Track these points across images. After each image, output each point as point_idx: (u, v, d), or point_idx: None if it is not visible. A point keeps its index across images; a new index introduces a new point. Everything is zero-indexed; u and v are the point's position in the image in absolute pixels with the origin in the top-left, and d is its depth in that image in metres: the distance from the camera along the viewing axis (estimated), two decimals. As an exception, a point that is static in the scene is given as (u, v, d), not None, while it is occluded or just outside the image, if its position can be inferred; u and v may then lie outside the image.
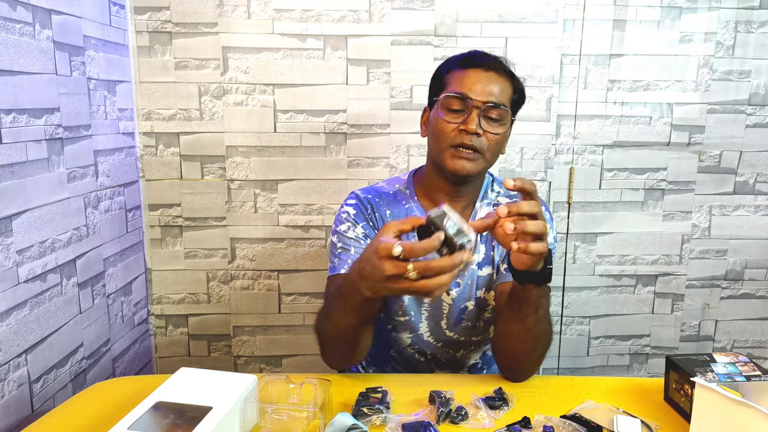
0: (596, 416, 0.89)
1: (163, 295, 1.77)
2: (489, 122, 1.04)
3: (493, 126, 1.04)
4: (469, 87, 1.03)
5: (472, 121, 1.02)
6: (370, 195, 1.16)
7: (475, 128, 1.01)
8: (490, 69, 1.05)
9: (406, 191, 1.16)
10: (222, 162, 1.70)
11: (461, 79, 1.04)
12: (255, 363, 1.84)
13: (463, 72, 1.05)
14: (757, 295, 1.92)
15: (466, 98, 1.03)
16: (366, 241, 1.11)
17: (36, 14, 1.17)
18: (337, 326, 0.95)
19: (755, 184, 1.84)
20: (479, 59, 1.06)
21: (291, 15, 1.64)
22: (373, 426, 0.86)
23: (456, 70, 1.06)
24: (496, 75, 1.05)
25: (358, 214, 1.13)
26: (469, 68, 1.05)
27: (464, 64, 1.06)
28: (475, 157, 1.04)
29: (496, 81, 1.04)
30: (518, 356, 1.02)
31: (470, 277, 1.13)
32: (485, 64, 1.05)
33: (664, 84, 1.76)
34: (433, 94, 1.12)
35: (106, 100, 1.48)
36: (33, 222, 1.16)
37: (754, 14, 1.74)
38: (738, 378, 0.90)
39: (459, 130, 1.03)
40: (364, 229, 1.12)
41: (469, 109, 1.02)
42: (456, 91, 1.03)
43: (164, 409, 0.80)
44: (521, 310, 0.96)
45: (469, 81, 1.03)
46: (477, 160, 1.05)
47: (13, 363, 1.11)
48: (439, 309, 1.15)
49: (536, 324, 0.96)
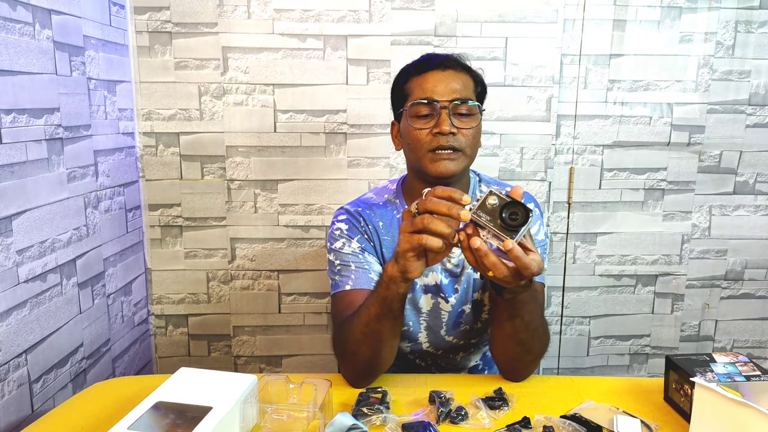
0: (596, 416, 0.89)
1: (163, 295, 1.77)
2: (460, 119, 1.03)
3: (465, 121, 1.04)
4: (432, 90, 1.02)
5: (444, 122, 1.01)
6: (360, 207, 1.14)
7: (448, 128, 1.01)
8: (447, 68, 1.04)
9: (395, 201, 1.15)
10: (222, 162, 1.70)
11: (422, 84, 1.04)
12: (255, 363, 1.84)
13: (422, 77, 1.04)
14: (757, 295, 1.92)
15: (433, 101, 1.02)
16: (363, 254, 1.09)
17: (36, 14, 1.17)
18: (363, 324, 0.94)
19: (755, 184, 1.84)
20: (434, 61, 1.05)
21: (291, 15, 1.64)
22: (373, 426, 0.86)
23: (414, 77, 1.06)
24: (454, 72, 1.04)
25: (351, 229, 1.12)
26: (427, 72, 1.04)
27: (421, 69, 1.05)
28: (455, 156, 1.04)
29: (456, 78, 1.04)
30: (509, 359, 1.03)
31: (467, 281, 1.13)
32: (441, 64, 1.05)
33: (664, 84, 1.76)
34: (397, 106, 1.11)
35: (106, 100, 1.48)
36: (33, 222, 1.17)
37: (754, 14, 1.74)
38: (738, 378, 0.90)
39: (433, 133, 1.02)
40: (360, 242, 1.11)
41: (438, 111, 1.02)
42: (421, 98, 1.03)
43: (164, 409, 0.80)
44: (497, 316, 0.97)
45: (431, 84, 1.03)
46: (458, 158, 1.04)
47: (13, 363, 1.11)
48: (438, 318, 1.15)
49: (516, 332, 0.96)
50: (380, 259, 1.12)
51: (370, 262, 1.09)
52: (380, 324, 0.93)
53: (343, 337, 0.99)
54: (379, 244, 1.12)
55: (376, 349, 0.96)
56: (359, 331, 0.95)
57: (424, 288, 1.13)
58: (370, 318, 0.93)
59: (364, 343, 0.96)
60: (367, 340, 0.95)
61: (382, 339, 0.95)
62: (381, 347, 0.96)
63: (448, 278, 1.13)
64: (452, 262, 1.12)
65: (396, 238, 1.11)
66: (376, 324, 0.93)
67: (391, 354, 1.00)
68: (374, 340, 0.95)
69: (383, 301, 0.90)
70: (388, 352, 0.99)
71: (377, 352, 0.97)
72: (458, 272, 1.13)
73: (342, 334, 1.00)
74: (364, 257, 1.09)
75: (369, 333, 0.94)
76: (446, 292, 1.13)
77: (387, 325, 0.94)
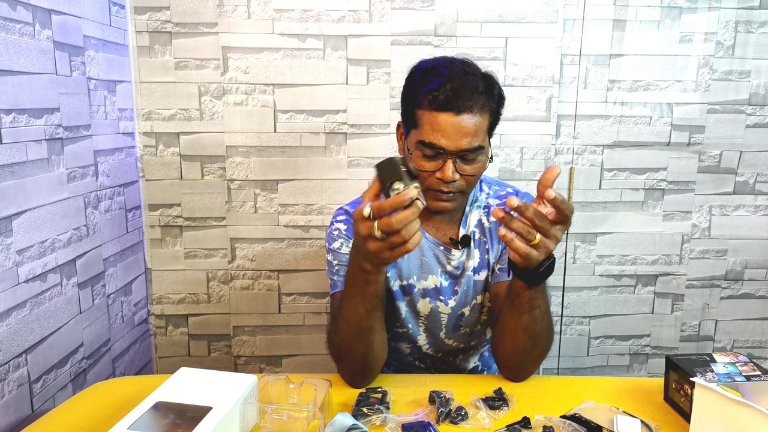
0: (596, 416, 0.89)
1: (163, 295, 1.77)
2: (466, 163, 1.01)
3: (471, 166, 1.01)
4: (441, 135, 0.97)
5: (448, 170, 0.98)
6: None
7: (451, 176, 0.99)
8: (462, 111, 0.97)
9: None
10: (222, 162, 1.70)
11: (432, 125, 0.98)
12: (255, 363, 1.84)
13: (434, 116, 0.98)
14: (757, 295, 1.92)
15: (439, 149, 0.98)
16: None
17: (36, 14, 1.17)
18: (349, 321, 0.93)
19: (755, 184, 1.84)
20: (451, 101, 0.97)
21: (291, 15, 1.64)
22: (373, 426, 0.86)
23: (426, 109, 0.99)
24: (469, 116, 0.97)
25: (350, 229, 1.11)
26: (440, 112, 0.97)
27: (434, 106, 0.98)
28: (455, 197, 1.04)
29: (470, 122, 0.97)
30: (516, 354, 1.01)
31: (467, 284, 1.13)
32: (456, 107, 0.96)
33: (664, 84, 1.76)
34: (406, 118, 1.06)
35: (106, 100, 1.48)
36: (33, 222, 1.16)
37: (754, 14, 1.74)
38: (738, 378, 0.90)
39: (436, 177, 1.00)
40: None
41: (444, 158, 0.99)
42: (428, 141, 0.98)
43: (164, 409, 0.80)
44: (515, 307, 0.95)
45: (441, 128, 0.97)
46: (457, 199, 1.04)
47: (13, 363, 1.11)
48: (437, 321, 1.15)
49: (533, 323, 0.95)
50: None
51: None
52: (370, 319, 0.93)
53: (335, 341, 0.99)
54: None
55: (368, 343, 0.96)
56: (351, 333, 0.95)
57: (423, 292, 1.13)
58: (360, 318, 0.92)
59: (357, 343, 0.96)
60: (360, 338, 0.95)
61: (373, 332, 0.95)
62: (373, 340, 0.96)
63: (448, 280, 1.13)
64: (452, 264, 1.12)
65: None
66: (367, 320, 0.93)
67: (383, 345, 1.00)
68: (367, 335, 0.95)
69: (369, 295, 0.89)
70: (380, 344, 0.99)
71: (370, 345, 0.96)
72: (458, 274, 1.12)
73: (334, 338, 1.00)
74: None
75: (361, 332, 0.94)
76: (445, 294, 1.13)
77: (376, 316, 0.94)
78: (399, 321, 1.15)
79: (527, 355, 1.01)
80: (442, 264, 1.12)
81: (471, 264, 1.13)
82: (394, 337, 1.19)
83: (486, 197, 1.17)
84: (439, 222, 1.13)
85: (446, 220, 1.13)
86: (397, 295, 1.14)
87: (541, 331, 0.97)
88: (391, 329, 1.16)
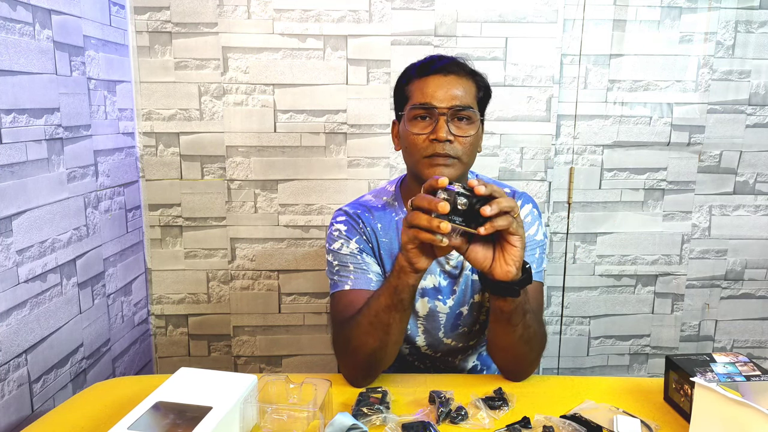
0: (596, 416, 0.89)
1: (163, 295, 1.77)
2: (458, 125, 1.02)
3: (463, 129, 1.02)
4: (432, 95, 1.01)
5: (441, 129, 0.99)
6: (359, 210, 1.14)
7: (445, 135, 0.99)
8: (449, 72, 1.02)
9: (394, 203, 1.15)
10: (222, 162, 1.70)
11: (422, 88, 1.02)
12: (255, 363, 1.84)
13: (423, 80, 1.03)
14: (757, 295, 1.92)
15: (431, 107, 1.01)
16: (362, 255, 1.09)
17: (36, 14, 1.17)
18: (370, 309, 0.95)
19: (755, 184, 1.84)
20: (437, 64, 1.03)
21: (291, 15, 1.64)
22: (373, 426, 0.86)
23: (416, 79, 1.04)
24: (456, 77, 1.02)
25: (350, 230, 1.11)
26: (429, 75, 1.03)
27: (423, 72, 1.04)
28: (451, 162, 1.03)
29: (458, 83, 1.02)
30: (516, 361, 1.03)
31: (465, 283, 1.13)
32: (444, 69, 1.02)
33: (664, 84, 1.76)
34: (398, 107, 1.09)
35: (106, 100, 1.48)
36: (33, 222, 1.16)
37: (754, 14, 1.74)
38: (738, 378, 0.90)
39: (430, 140, 1.01)
40: (358, 243, 1.10)
41: (436, 117, 1.01)
42: (419, 102, 1.02)
43: (164, 409, 0.80)
44: (511, 323, 0.95)
45: (431, 89, 1.01)
46: (454, 165, 1.04)
47: (13, 363, 1.11)
48: (436, 320, 1.15)
49: (526, 329, 0.96)
50: (378, 260, 1.12)
51: (368, 263, 1.09)
52: (389, 315, 0.93)
53: (348, 333, 0.99)
54: (377, 246, 1.12)
55: (383, 341, 0.96)
56: (367, 322, 0.95)
57: (421, 291, 1.13)
58: (379, 308, 0.93)
59: (371, 335, 0.95)
60: (374, 332, 0.95)
61: (389, 332, 0.95)
62: (387, 340, 0.96)
63: (447, 280, 1.13)
64: (451, 264, 1.12)
65: (394, 240, 1.11)
66: (386, 315, 0.93)
67: (395, 349, 1.00)
68: (381, 332, 0.95)
69: (394, 290, 0.90)
70: (393, 347, 0.98)
71: (384, 345, 0.96)
72: (456, 273, 1.12)
73: (346, 330, 1.00)
74: (362, 258, 1.09)
75: (377, 324, 0.94)
76: (444, 294, 1.13)
77: (396, 317, 0.93)
78: None
79: (525, 359, 1.02)
80: (440, 263, 1.12)
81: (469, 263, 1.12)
82: None
83: None
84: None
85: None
86: None
87: (534, 332, 0.98)
88: None
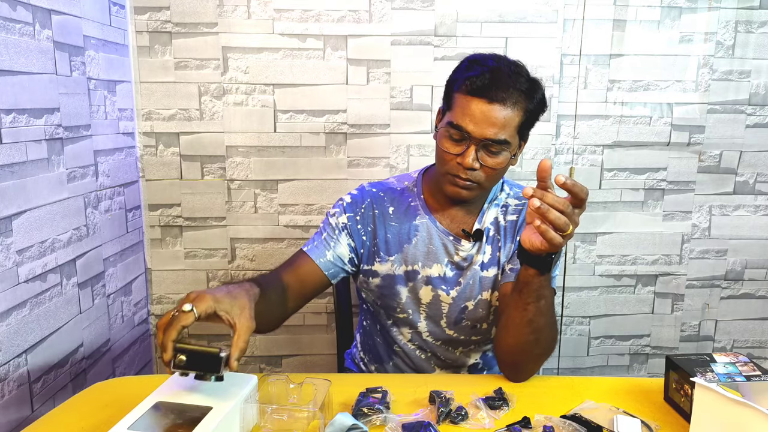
0: (596, 416, 0.89)
1: (163, 295, 1.77)
2: (488, 155, 1.02)
3: (493, 158, 1.02)
4: (470, 120, 0.99)
5: (469, 156, 1.00)
6: (375, 189, 1.18)
7: (471, 163, 1.00)
8: (494, 101, 0.99)
9: (413, 189, 1.18)
10: (222, 162, 1.70)
11: (464, 107, 1.00)
12: (255, 363, 1.84)
13: (468, 100, 1.00)
14: (757, 295, 1.92)
15: (465, 133, 1.00)
16: (341, 232, 1.14)
17: (36, 14, 1.17)
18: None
19: (755, 184, 1.84)
20: (485, 89, 0.99)
21: (291, 15, 1.64)
22: (373, 426, 0.86)
23: (462, 93, 1.01)
24: (501, 107, 0.99)
25: (351, 205, 1.16)
26: (474, 97, 0.99)
27: (471, 90, 1.00)
28: (472, 186, 1.04)
29: (500, 114, 0.99)
30: (519, 348, 1.00)
31: (472, 277, 1.13)
32: (490, 95, 0.99)
33: (664, 84, 1.76)
34: (445, 99, 1.08)
35: (106, 100, 1.48)
36: (33, 222, 1.16)
37: (754, 14, 1.74)
38: (738, 378, 0.90)
39: (457, 162, 1.02)
40: (349, 220, 1.14)
41: (468, 143, 1.01)
42: (456, 123, 1.01)
43: (164, 409, 0.80)
44: (522, 297, 0.95)
45: (471, 113, 0.99)
46: (474, 189, 1.05)
47: (13, 363, 1.11)
48: (438, 309, 1.15)
49: (538, 315, 0.96)
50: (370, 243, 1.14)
51: (339, 242, 1.13)
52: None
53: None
54: (377, 228, 1.13)
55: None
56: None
57: (426, 279, 1.14)
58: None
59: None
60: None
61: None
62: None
63: (453, 271, 1.14)
64: (460, 256, 1.13)
65: (404, 223, 1.14)
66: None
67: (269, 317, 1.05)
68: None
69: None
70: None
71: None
72: (465, 266, 1.13)
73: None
74: (338, 235, 1.13)
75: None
76: (448, 284, 1.13)
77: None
78: (399, 306, 1.17)
79: (529, 351, 1.00)
80: (449, 254, 1.13)
81: (480, 258, 1.13)
82: (396, 323, 1.20)
83: (506, 197, 1.18)
84: (455, 214, 1.15)
85: (462, 213, 1.15)
86: (400, 279, 1.15)
87: (545, 324, 0.97)
88: (392, 315, 1.19)
